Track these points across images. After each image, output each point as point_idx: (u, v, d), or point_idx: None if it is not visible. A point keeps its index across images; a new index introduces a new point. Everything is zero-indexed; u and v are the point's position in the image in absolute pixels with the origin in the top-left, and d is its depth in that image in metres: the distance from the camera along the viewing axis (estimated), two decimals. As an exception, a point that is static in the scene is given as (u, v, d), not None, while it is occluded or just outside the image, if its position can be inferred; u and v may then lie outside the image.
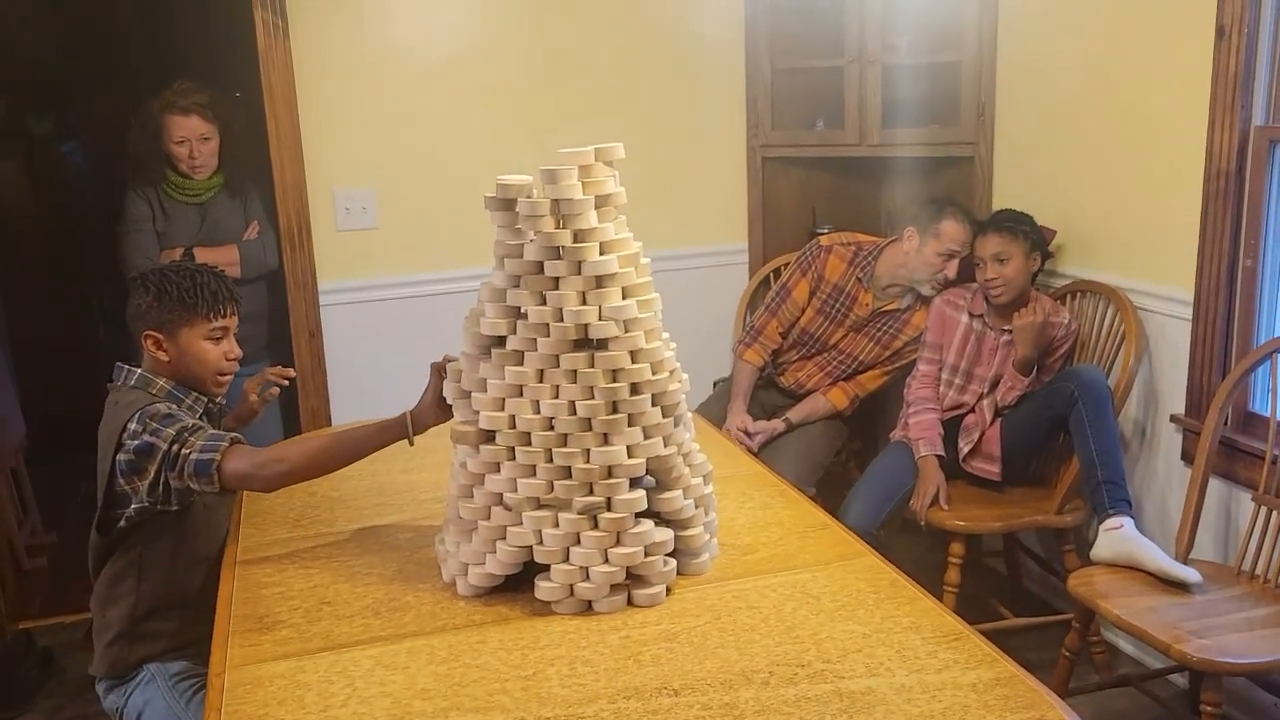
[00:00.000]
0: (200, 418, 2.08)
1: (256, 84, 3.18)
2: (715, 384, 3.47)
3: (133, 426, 1.90)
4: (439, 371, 1.88)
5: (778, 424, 3.17)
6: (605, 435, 1.67)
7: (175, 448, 1.87)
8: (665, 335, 1.78)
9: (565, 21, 3.42)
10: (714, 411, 3.22)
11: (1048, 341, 2.86)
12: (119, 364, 2.08)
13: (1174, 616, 2.22)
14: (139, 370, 2.05)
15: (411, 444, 1.90)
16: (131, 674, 2.06)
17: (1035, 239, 2.88)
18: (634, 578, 1.70)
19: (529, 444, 1.68)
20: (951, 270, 3.05)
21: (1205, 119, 2.54)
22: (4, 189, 5.02)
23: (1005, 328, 2.89)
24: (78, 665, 3.00)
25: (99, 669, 2.08)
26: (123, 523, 1.97)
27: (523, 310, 1.69)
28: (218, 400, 2.16)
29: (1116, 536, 2.46)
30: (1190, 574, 2.32)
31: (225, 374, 2.10)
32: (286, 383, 2.37)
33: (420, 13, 3.28)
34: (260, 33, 3.11)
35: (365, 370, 3.39)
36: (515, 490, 1.69)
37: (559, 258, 1.67)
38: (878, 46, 3.38)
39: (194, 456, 1.86)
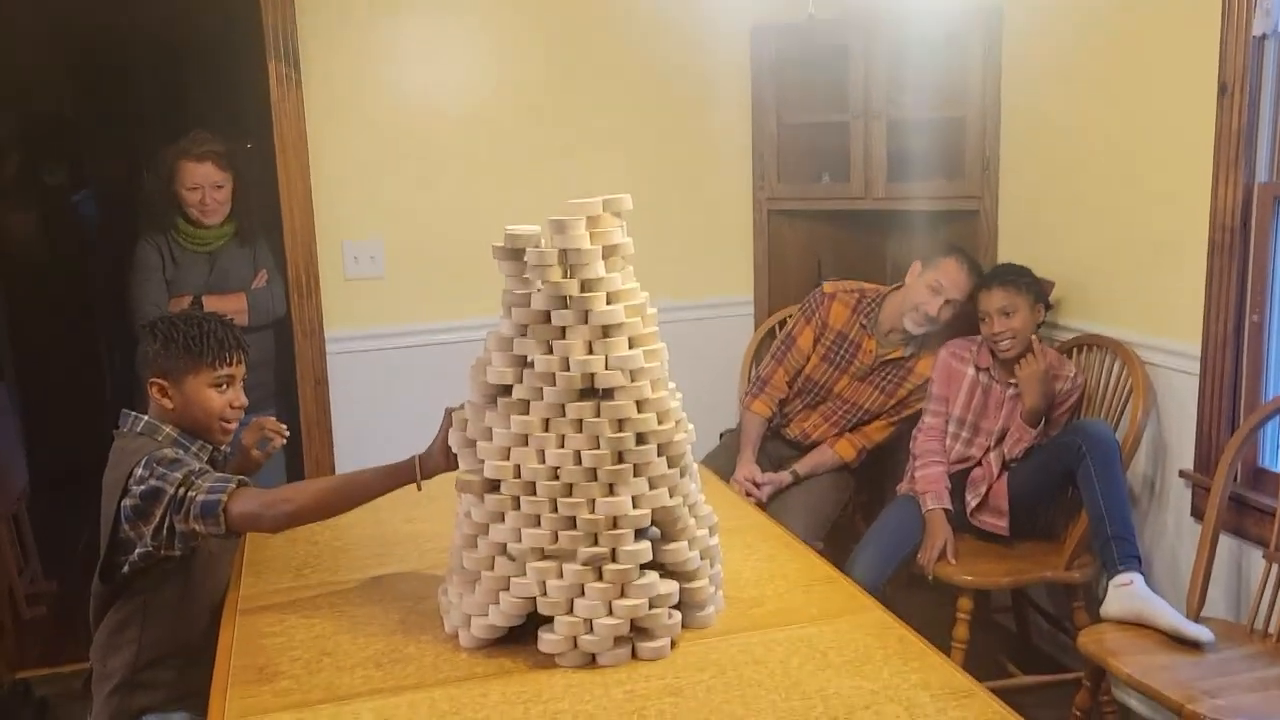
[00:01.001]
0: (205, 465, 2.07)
1: (268, 134, 3.22)
2: (721, 435, 3.46)
3: (139, 472, 1.90)
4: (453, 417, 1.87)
5: (785, 476, 3.16)
6: (611, 485, 1.66)
7: (182, 491, 1.86)
8: (671, 385, 1.78)
9: (573, 75, 3.46)
10: (720, 463, 3.21)
11: (1054, 392, 2.85)
12: (125, 411, 2.08)
13: (1187, 675, 2.18)
14: (145, 418, 2.05)
15: (420, 489, 1.89)
16: None
17: (1037, 291, 2.89)
18: (638, 630, 1.68)
19: (534, 494, 1.67)
20: (934, 308, 3.01)
21: (1209, 175, 2.55)
22: (17, 239, 5.06)
23: (1011, 380, 2.88)
24: (75, 716, 2.96)
25: (99, 718, 2.05)
26: (126, 569, 1.95)
27: (529, 359, 1.69)
28: (222, 449, 2.16)
29: (1127, 593, 2.43)
30: (1203, 632, 2.29)
31: (230, 422, 2.09)
32: (284, 439, 2.35)
33: (431, 66, 3.33)
34: (273, 84, 3.16)
35: (371, 419, 3.39)
36: (519, 540, 1.68)
37: (566, 307, 1.67)
38: (883, 101, 3.41)
39: (200, 498, 1.85)
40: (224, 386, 2.06)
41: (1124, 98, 2.83)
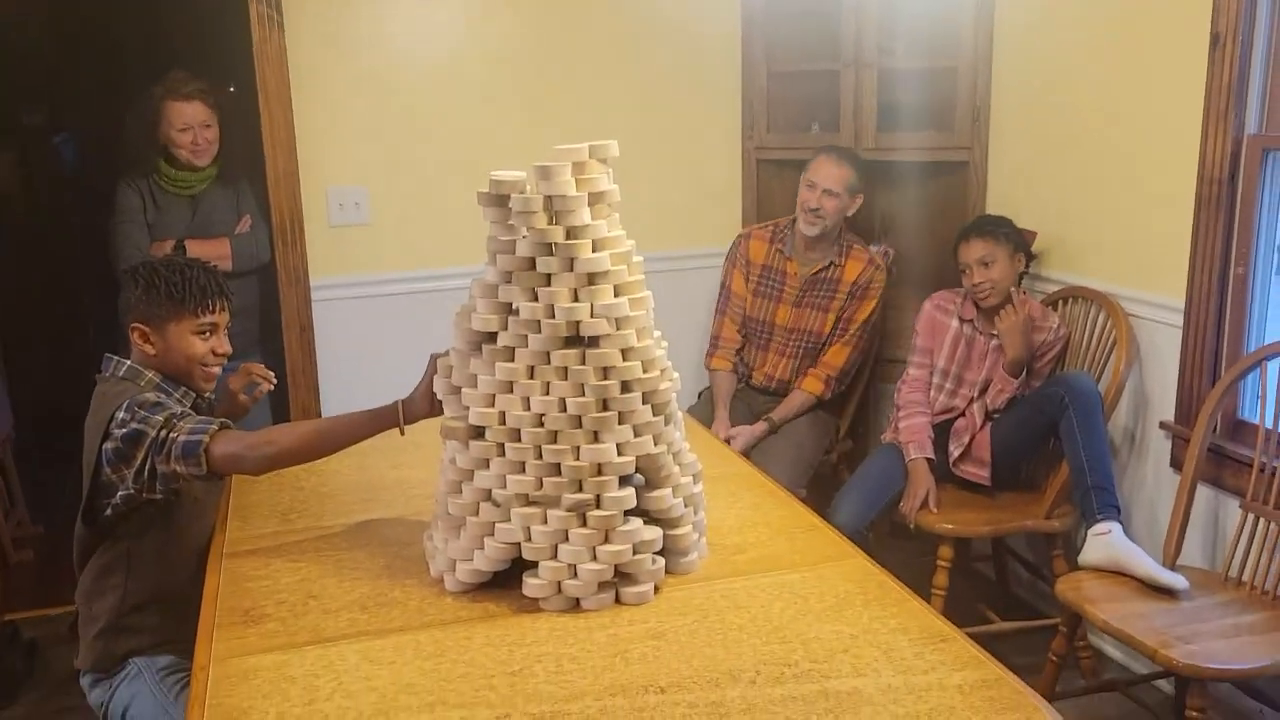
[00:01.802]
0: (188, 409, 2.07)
1: (250, 78, 3.17)
2: (700, 394, 3.47)
3: (120, 415, 1.89)
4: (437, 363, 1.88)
5: (760, 426, 3.18)
6: (595, 433, 1.66)
7: (163, 433, 1.86)
8: (657, 334, 1.78)
9: (561, 21, 3.42)
10: (701, 419, 3.22)
11: (1035, 343, 2.87)
12: (108, 355, 2.07)
13: (1161, 622, 2.22)
14: (127, 362, 2.05)
15: (403, 433, 1.89)
16: (117, 668, 2.05)
17: (1017, 240, 2.90)
18: (622, 576, 1.70)
19: (519, 440, 1.68)
20: (813, 200, 3.14)
21: (1199, 126, 2.54)
22: (-7, 179, 5.01)
23: (994, 332, 2.89)
24: (63, 658, 2.98)
25: (84, 662, 2.07)
26: (108, 512, 1.96)
27: (514, 307, 1.69)
28: (206, 396, 2.15)
29: (1105, 542, 2.46)
30: (1177, 580, 2.32)
31: (211, 368, 2.08)
32: (271, 385, 2.35)
33: (416, 9, 3.28)
34: (255, 25, 3.11)
35: (356, 366, 3.39)
36: (504, 486, 1.68)
37: (551, 254, 1.67)
38: (874, 51, 3.39)
39: (182, 439, 1.85)
40: (207, 334, 2.05)
41: (1116, 49, 2.81)
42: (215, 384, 2.14)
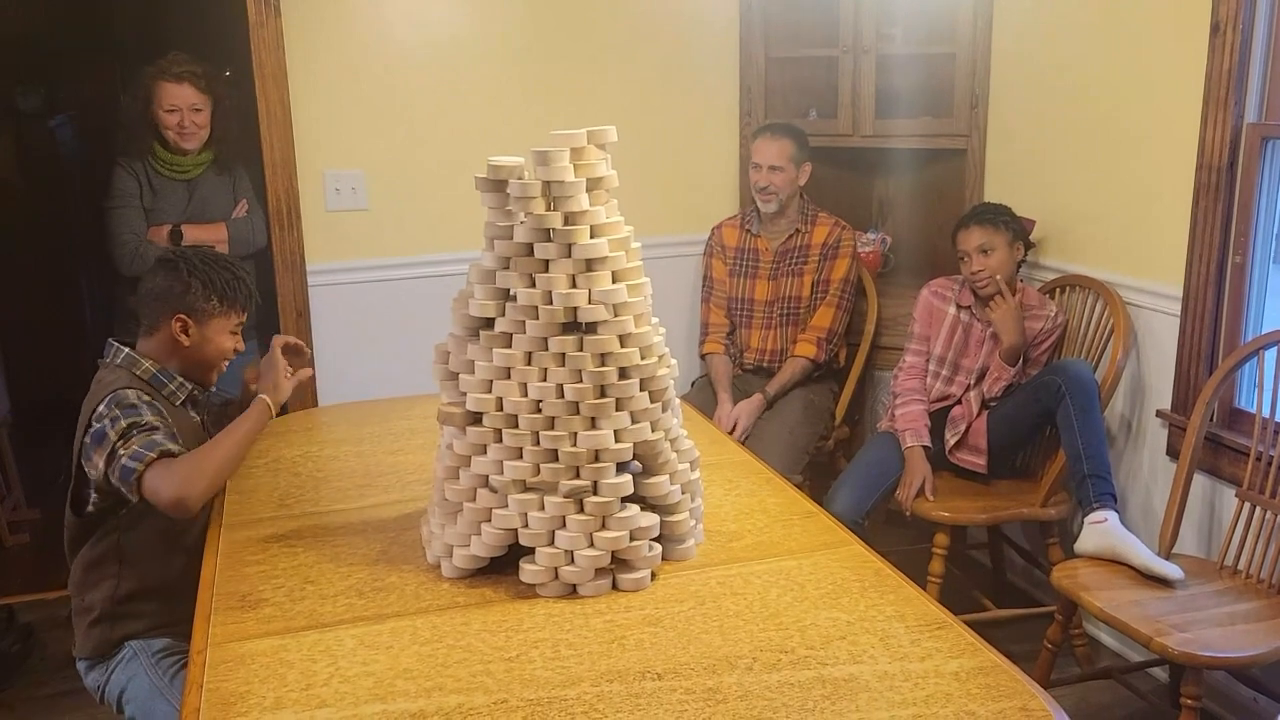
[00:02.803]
0: (183, 404, 2.10)
1: (247, 62, 3.15)
2: (693, 383, 3.47)
3: (100, 409, 1.91)
4: (284, 348, 2.16)
5: (756, 399, 3.20)
6: (593, 419, 1.66)
7: (118, 444, 1.88)
8: (655, 320, 1.77)
9: (559, 5, 3.40)
10: (697, 404, 3.23)
11: (1034, 333, 2.87)
12: (110, 340, 2.07)
13: (1156, 610, 2.23)
14: (126, 349, 2.05)
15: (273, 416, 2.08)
16: (113, 652, 2.05)
17: (1016, 228, 2.89)
18: (619, 562, 1.70)
19: (516, 426, 1.67)
20: (761, 179, 3.25)
21: (1198, 115, 2.54)
22: (-11, 164, 4.99)
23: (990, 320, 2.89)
24: (59, 641, 2.99)
25: (83, 650, 2.07)
26: (91, 506, 1.96)
27: (512, 292, 1.69)
28: (206, 389, 2.18)
29: (1100, 530, 2.47)
30: (1172, 570, 2.33)
31: (226, 364, 2.17)
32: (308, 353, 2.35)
33: (414, -7, 3.27)
34: (251, 9, 3.09)
35: (353, 351, 3.38)
36: (501, 473, 1.68)
37: (549, 240, 1.66)
38: (872, 37, 3.38)
39: (123, 461, 1.86)
40: (237, 333, 2.15)
41: (1116, 36, 2.80)
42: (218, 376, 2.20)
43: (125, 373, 2.01)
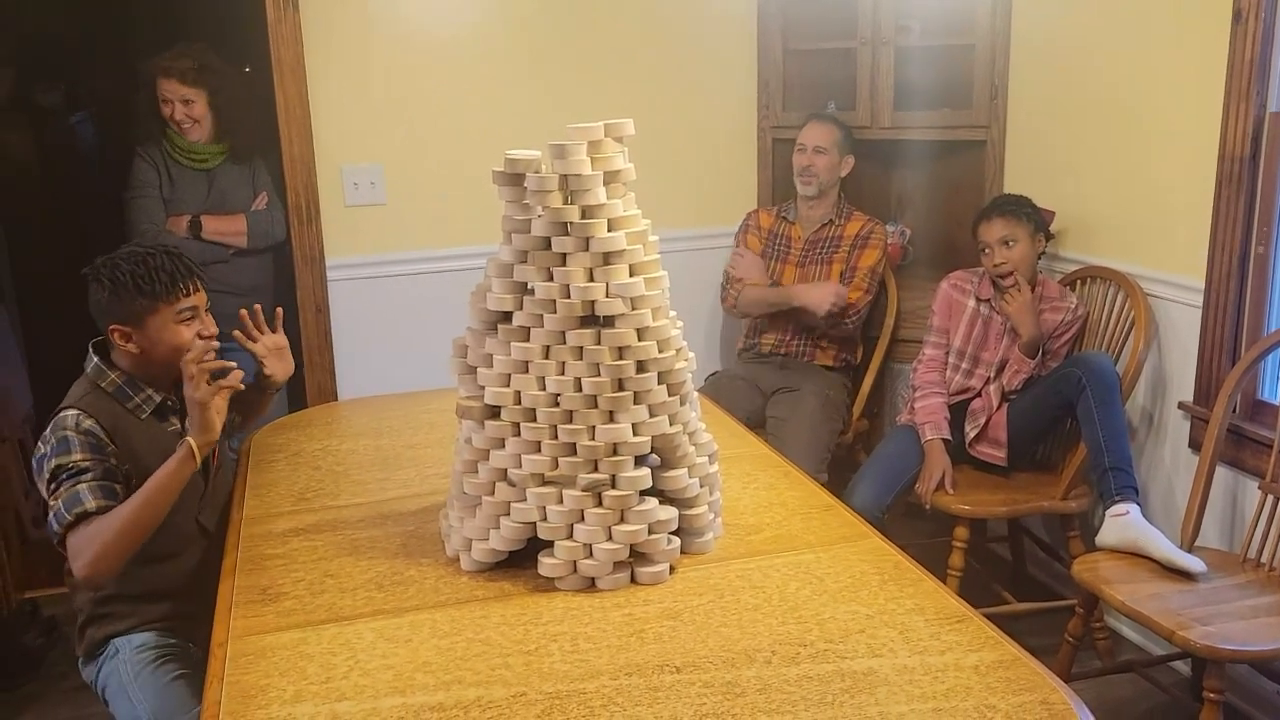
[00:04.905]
0: (152, 415, 2.02)
1: (266, 57, 3.17)
2: (707, 378, 3.45)
3: (45, 432, 1.90)
4: (201, 380, 1.85)
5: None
6: (611, 412, 1.66)
7: (51, 485, 1.86)
8: (672, 314, 1.77)
9: (577, -1, 3.40)
10: (711, 398, 3.22)
11: (1054, 325, 2.85)
12: (89, 345, 2.03)
13: (1178, 603, 2.21)
14: (95, 359, 2.01)
15: (198, 467, 1.89)
16: (100, 650, 2.07)
17: (1037, 220, 2.87)
18: (637, 555, 1.70)
19: (534, 420, 1.68)
20: (806, 160, 3.28)
21: (1220, 104, 2.51)
22: (12, 161, 5.00)
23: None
24: (82, 635, 3.01)
25: (80, 648, 2.10)
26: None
27: (530, 286, 1.69)
28: (170, 399, 2.05)
29: (1122, 523, 2.45)
30: (1195, 563, 2.31)
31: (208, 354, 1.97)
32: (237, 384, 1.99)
33: (431, -12, 3.27)
34: (270, 5, 3.10)
35: (372, 346, 3.39)
36: (520, 466, 1.68)
37: (567, 233, 1.66)
38: (891, 28, 3.36)
39: (50, 513, 1.85)
40: (189, 319, 1.98)
41: (1136, 26, 2.78)
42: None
43: (88, 384, 1.98)
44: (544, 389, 1.67)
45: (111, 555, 1.84)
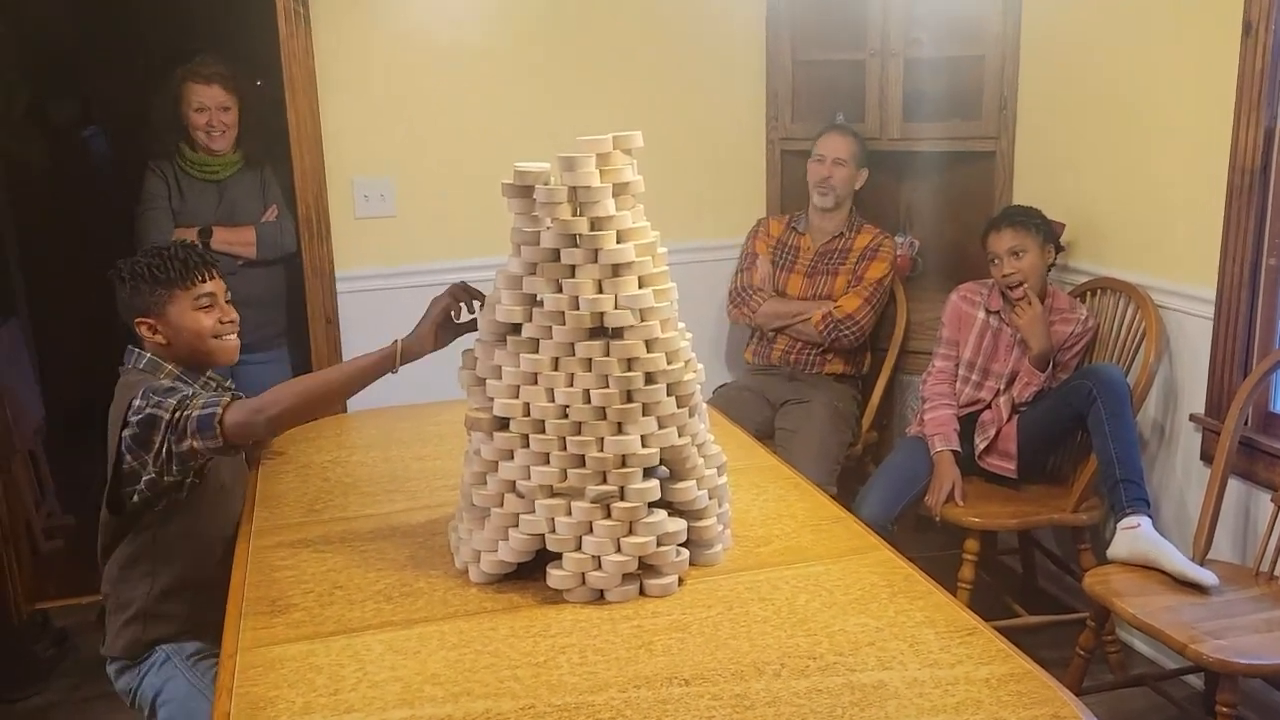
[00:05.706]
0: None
1: (277, 71, 3.18)
2: (716, 390, 3.45)
3: (137, 403, 1.91)
4: (453, 293, 1.94)
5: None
6: (619, 424, 1.66)
7: (177, 414, 1.88)
8: (681, 325, 1.77)
9: (586, 10, 3.41)
10: (721, 409, 3.22)
11: (1065, 337, 2.84)
12: (130, 347, 2.09)
13: (1190, 617, 2.20)
14: (148, 355, 2.07)
15: (395, 372, 1.93)
16: (144, 655, 2.06)
17: (1047, 231, 2.87)
18: (646, 567, 1.70)
19: (543, 432, 1.68)
20: (824, 171, 3.29)
21: (1230, 116, 2.51)
22: (25, 174, 5.04)
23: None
24: (92, 646, 2.99)
25: (112, 648, 2.08)
26: (135, 499, 1.97)
27: (539, 298, 1.69)
28: (227, 384, 2.18)
29: (1134, 536, 2.44)
30: (1207, 576, 2.30)
31: (226, 340, 2.10)
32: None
33: (440, 2, 3.28)
34: (282, 20, 3.11)
35: (381, 358, 3.39)
36: (528, 478, 1.68)
37: (576, 245, 1.66)
38: (900, 40, 3.36)
39: (195, 414, 1.87)
40: (208, 305, 2.07)
41: (1146, 38, 2.78)
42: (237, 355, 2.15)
43: (149, 376, 2.03)
44: (553, 401, 1.67)
45: (286, 414, 1.89)
